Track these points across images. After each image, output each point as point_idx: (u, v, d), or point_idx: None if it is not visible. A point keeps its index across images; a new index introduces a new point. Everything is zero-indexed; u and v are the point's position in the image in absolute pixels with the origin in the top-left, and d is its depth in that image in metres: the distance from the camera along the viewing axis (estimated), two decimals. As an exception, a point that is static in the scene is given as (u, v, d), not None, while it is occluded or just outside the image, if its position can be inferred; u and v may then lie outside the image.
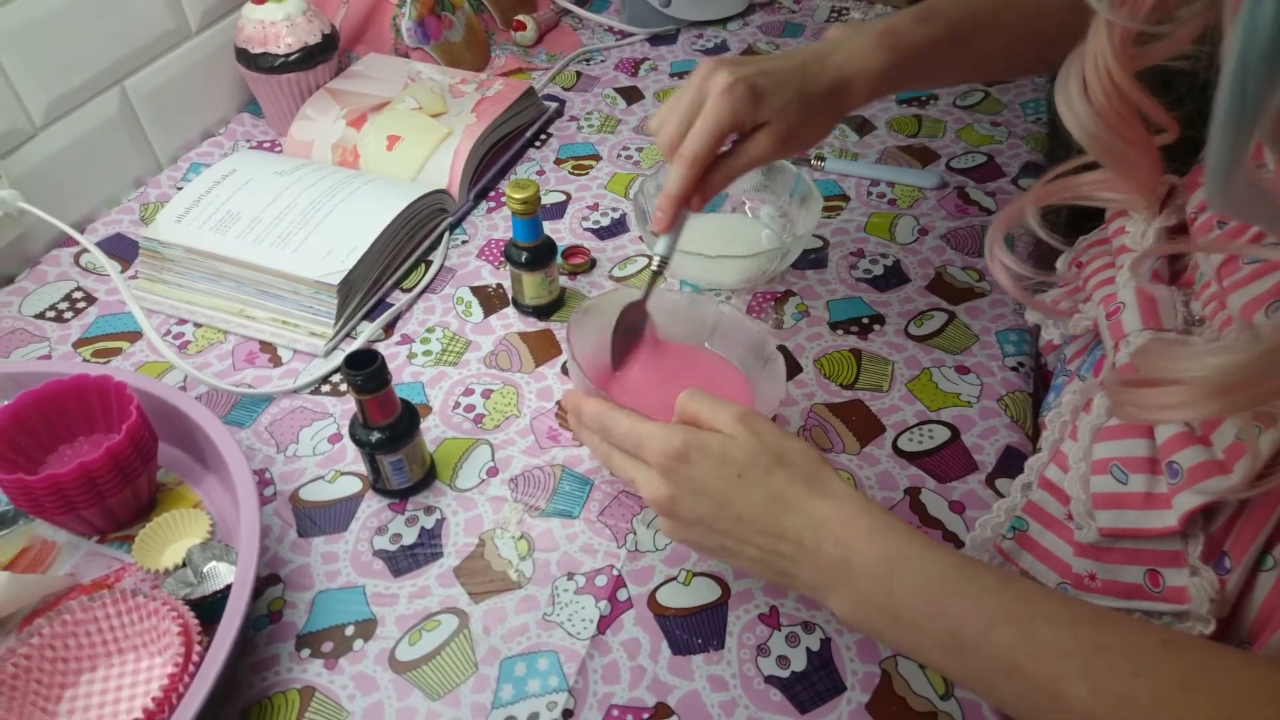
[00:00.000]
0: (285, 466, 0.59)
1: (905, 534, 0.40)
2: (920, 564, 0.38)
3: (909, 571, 0.38)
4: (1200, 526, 0.41)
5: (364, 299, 0.69)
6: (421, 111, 0.82)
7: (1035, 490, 0.49)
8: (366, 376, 0.50)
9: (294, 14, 0.81)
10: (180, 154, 0.86)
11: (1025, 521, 0.48)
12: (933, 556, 0.39)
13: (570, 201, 0.80)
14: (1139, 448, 0.43)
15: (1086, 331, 0.53)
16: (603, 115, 0.91)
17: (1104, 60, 0.40)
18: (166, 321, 0.69)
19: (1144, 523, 0.42)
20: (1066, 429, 0.49)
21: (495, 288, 0.72)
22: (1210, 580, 0.39)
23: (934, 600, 0.38)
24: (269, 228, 0.69)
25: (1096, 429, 0.46)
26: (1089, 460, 0.45)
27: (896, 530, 0.40)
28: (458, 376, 0.65)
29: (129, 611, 0.48)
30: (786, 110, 0.51)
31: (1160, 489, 0.42)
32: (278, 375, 0.65)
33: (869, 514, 0.40)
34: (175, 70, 0.84)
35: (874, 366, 0.64)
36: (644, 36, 1.02)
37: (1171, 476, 0.41)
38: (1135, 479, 0.43)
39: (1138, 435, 0.44)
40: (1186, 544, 0.41)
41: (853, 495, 0.41)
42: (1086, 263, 0.54)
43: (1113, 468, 0.44)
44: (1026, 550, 0.48)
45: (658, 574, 0.52)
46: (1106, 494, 0.44)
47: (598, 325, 0.57)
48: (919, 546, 0.39)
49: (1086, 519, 0.44)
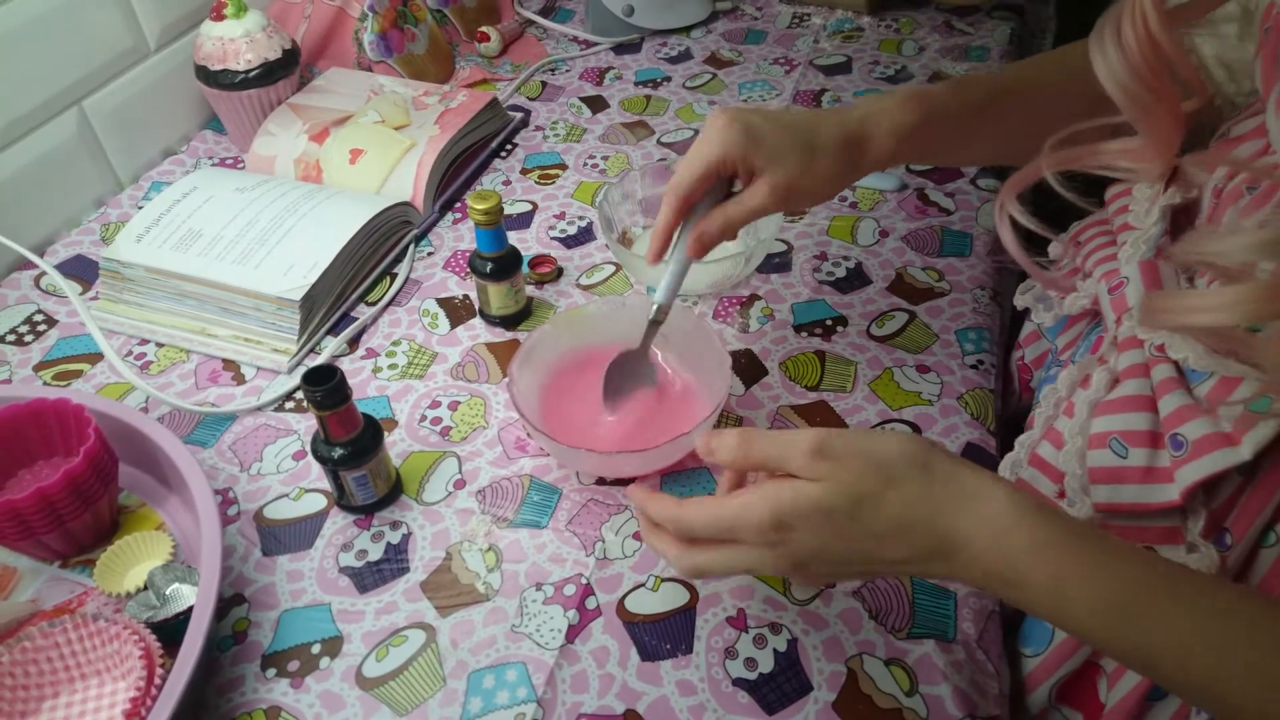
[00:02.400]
0: (249, 485, 0.58)
1: (1071, 546, 0.35)
2: (1094, 587, 0.34)
3: (1083, 594, 0.35)
4: (1201, 501, 0.40)
5: (328, 314, 0.69)
6: (384, 124, 0.82)
7: (1025, 468, 0.48)
8: (326, 392, 0.49)
9: (253, 30, 0.81)
10: (141, 173, 0.85)
11: None
12: (1106, 575, 0.34)
13: (537, 211, 0.81)
14: (1140, 421, 0.42)
15: (1083, 312, 0.52)
16: (568, 124, 0.91)
17: (1143, 9, 0.39)
18: (128, 343, 0.68)
19: (1143, 498, 0.41)
20: (1061, 406, 0.48)
21: (461, 299, 0.72)
22: (1211, 557, 0.39)
23: (1113, 626, 0.35)
24: (230, 245, 0.68)
25: (1095, 403, 0.45)
26: (1086, 435, 0.45)
27: (1057, 544, 0.35)
28: (424, 389, 0.65)
29: (90, 636, 0.47)
30: (785, 158, 0.49)
31: (1162, 463, 0.41)
32: (241, 393, 0.64)
33: (1021, 524, 0.35)
34: (134, 89, 0.83)
35: (837, 368, 0.65)
36: (608, 46, 1.03)
37: (1175, 449, 0.40)
38: (1135, 453, 0.42)
39: (1140, 409, 0.43)
40: (1186, 520, 0.41)
41: (994, 497, 0.36)
42: (1085, 242, 0.53)
43: (1112, 441, 0.43)
44: None
45: (626, 581, 0.52)
46: (1104, 468, 0.43)
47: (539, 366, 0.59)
48: (1090, 563, 0.35)
49: (1081, 495, 0.44)
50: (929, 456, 0.36)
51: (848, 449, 0.36)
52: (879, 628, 0.50)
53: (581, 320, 0.63)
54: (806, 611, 0.50)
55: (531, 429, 0.53)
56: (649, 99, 0.95)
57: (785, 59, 1.00)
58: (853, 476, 0.36)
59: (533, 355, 0.60)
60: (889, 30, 1.02)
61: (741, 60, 1.00)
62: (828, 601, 0.51)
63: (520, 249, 0.76)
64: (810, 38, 1.02)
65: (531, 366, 0.60)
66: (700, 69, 0.99)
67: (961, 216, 0.77)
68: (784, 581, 0.52)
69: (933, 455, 0.37)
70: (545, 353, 0.61)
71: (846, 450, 0.36)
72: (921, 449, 0.37)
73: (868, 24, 1.03)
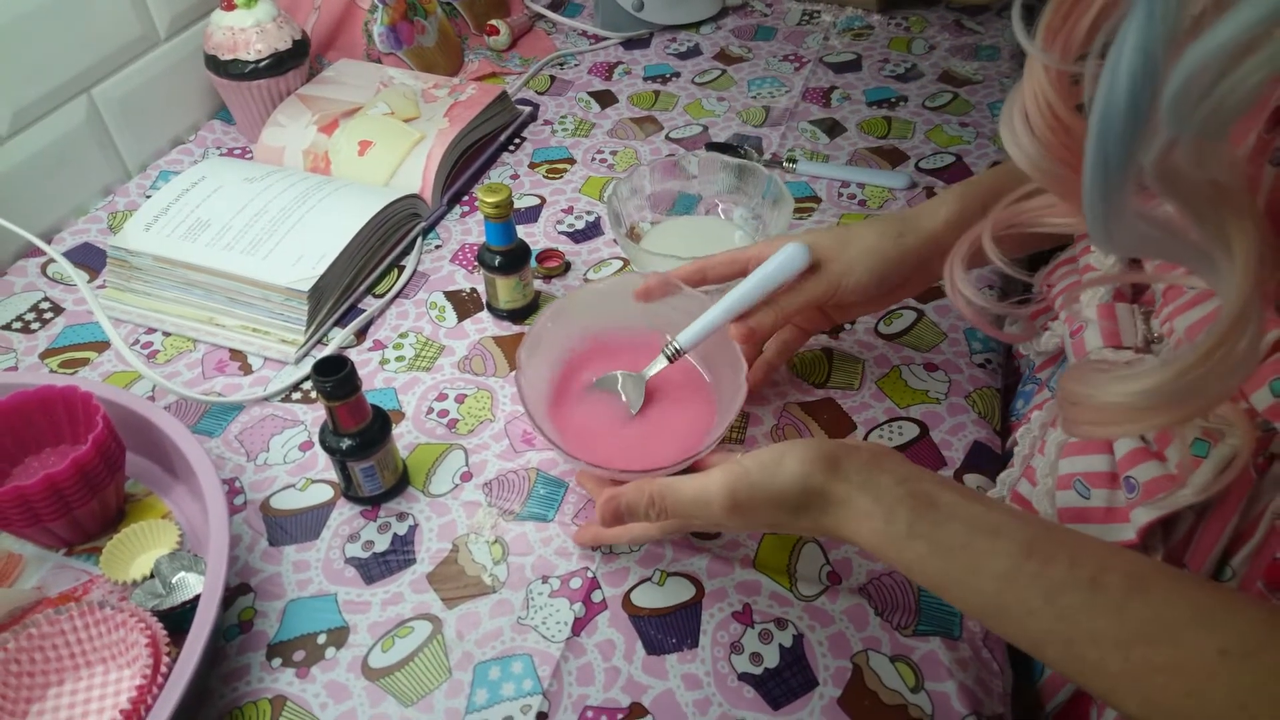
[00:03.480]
0: (255, 475, 0.58)
1: (939, 560, 0.38)
2: (963, 594, 0.38)
3: (956, 599, 0.38)
4: (1160, 539, 0.42)
5: (335, 305, 0.69)
6: (394, 117, 0.82)
7: (1009, 505, 0.49)
8: (336, 383, 0.49)
9: (264, 20, 0.81)
10: (149, 162, 0.85)
11: None
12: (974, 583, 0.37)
13: (545, 205, 0.80)
14: (1100, 463, 0.45)
15: (1057, 349, 0.54)
16: (577, 119, 0.91)
17: (1043, 96, 0.40)
18: (135, 331, 0.68)
19: (1106, 536, 0.43)
20: (1036, 444, 0.50)
21: (469, 292, 0.72)
22: None
23: (988, 621, 0.38)
24: (239, 235, 0.68)
25: (1062, 445, 0.47)
26: (1055, 475, 0.47)
27: (923, 563, 0.39)
28: (431, 382, 0.64)
29: (96, 624, 0.47)
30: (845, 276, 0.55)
31: (1119, 503, 0.43)
32: (248, 383, 0.64)
33: (891, 544, 0.39)
34: (143, 78, 0.83)
35: (845, 365, 0.65)
36: (617, 41, 1.03)
37: (1129, 491, 0.42)
38: (1097, 494, 0.44)
39: (1098, 451, 0.45)
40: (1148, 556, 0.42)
41: (871, 517, 0.40)
42: (1055, 282, 0.55)
43: (1076, 483, 0.45)
44: None
45: (632, 575, 0.52)
46: (1071, 509, 0.45)
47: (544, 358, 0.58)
48: (956, 574, 0.38)
49: None
50: (826, 484, 0.41)
51: (754, 500, 0.42)
52: (885, 624, 0.50)
53: (588, 303, 0.61)
54: (812, 607, 0.50)
55: (539, 432, 0.52)
56: (658, 94, 0.94)
57: (795, 56, 0.99)
58: (765, 519, 0.43)
59: (540, 345, 0.58)
60: (899, 28, 1.02)
61: (751, 57, 1.00)
62: (834, 598, 0.51)
63: (528, 243, 0.76)
64: (820, 35, 1.02)
65: (540, 357, 0.58)
66: (709, 65, 0.99)
67: (970, 216, 0.77)
68: (790, 577, 0.52)
69: (830, 482, 0.41)
70: (553, 342, 0.59)
71: (754, 503, 0.42)
72: (819, 479, 0.41)
73: (877, 22, 1.03)
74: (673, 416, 0.58)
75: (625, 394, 0.58)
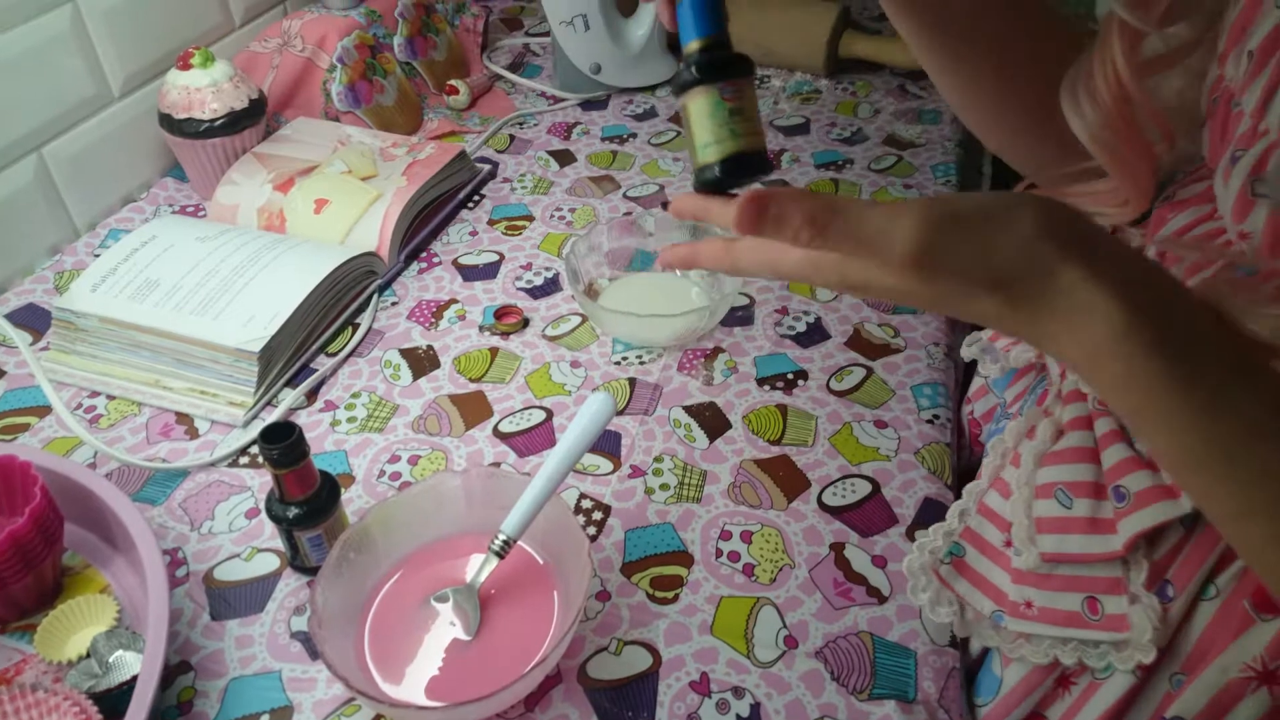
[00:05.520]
0: (199, 545, 0.57)
1: (1155, 391, 0.31)
2: (1167, 437, 0.32)
3: (1155, 440, 0.33)
4: (1144, 553, 0.41)
5: (286, 365, 0.68)
6: (351, 175, 0.82)
7: (973, 516, 0.49)
8: (283, 450, 0.49)
9: (220, 80, 0.81)
10: (99, 220, 0.84)
11: (962, 547, 0.48)
12: (1182, 427, 0.32)
13: (504, 261, 0.81)
14: (1085, 472, 0.43)
15: (1029, 365, 0.53)
16: (536, 177, 0.92)
17: (1113, 62, 0.41)
18: (78, 395, 0.67)
19: (1088, 548, 0.42)
20: (1008, 456, 0.49)
21: (425, 349, 0.72)
22: (1153, 607, 0.40)
23: (1179, 471, 0.34)
24: (189, 295, 0.67)
25: (1041, 454, 0.46)
26: (1032, 485, 0.45)
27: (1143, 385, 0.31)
28: (383, 443, 0.64)
29: (28, 708, 0.45)
30: None
31: (1105, 514, 0.42)
32: (194, 448, 0.63)
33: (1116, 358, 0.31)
34: (96, 136, 0.82)
35: (799, 422, 0.65)
36: (576, 102, 1.04)
37: (1118, 500, 0.41)
38: (1080, 504, 0.43)
39: (1084, 460, 0.44)
40: (1129, 570, 0.41)
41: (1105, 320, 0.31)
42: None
43: (1057, 492, 0.44)
44: (963, 576, 0.48)
45: (588, 645, 0.51)
46: (1050, 518, 0.44)
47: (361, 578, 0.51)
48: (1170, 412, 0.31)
49: (1028, 544, 0.44)
50: (1053, 265, 0.31)
51: (960, 241, 0.32)
52: (840, 689, 0.49)
53: (401, 518, 0.53)
54: (769, 674, 0.50)
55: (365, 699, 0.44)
56: (615, 154, 0.96)
57: (748, 116, 1.02)
58: (963, 277, 0.32)
59: (344, 570, 0.49)
60: (845, 93, 1.05)
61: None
62: (790, 664, 0.50)
63: (486, 299, 0.77)
64: (770, 99, 1.05)
65: (344, 585, 0.49)
66: (665, 126, 1.01)
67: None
68: (747, 642, 0.51)
69: (1062, 264, 0.31)
70: (366, 566, 0.51)
71: (958, 244, 0.32)
72: (1045, 251, 0.31)
73: (825, 86, 1.06)
74: (517, 617, 0.51)
75: (457, 616, 0.50)
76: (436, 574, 0.52)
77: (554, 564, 0.53)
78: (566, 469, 0.51)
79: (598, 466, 0.62)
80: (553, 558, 0.53)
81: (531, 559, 0.53)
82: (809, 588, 0.54)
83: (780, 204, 0.32)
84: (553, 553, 0.53)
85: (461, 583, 0.51)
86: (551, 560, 0.53)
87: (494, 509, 0.52)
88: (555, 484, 0.51)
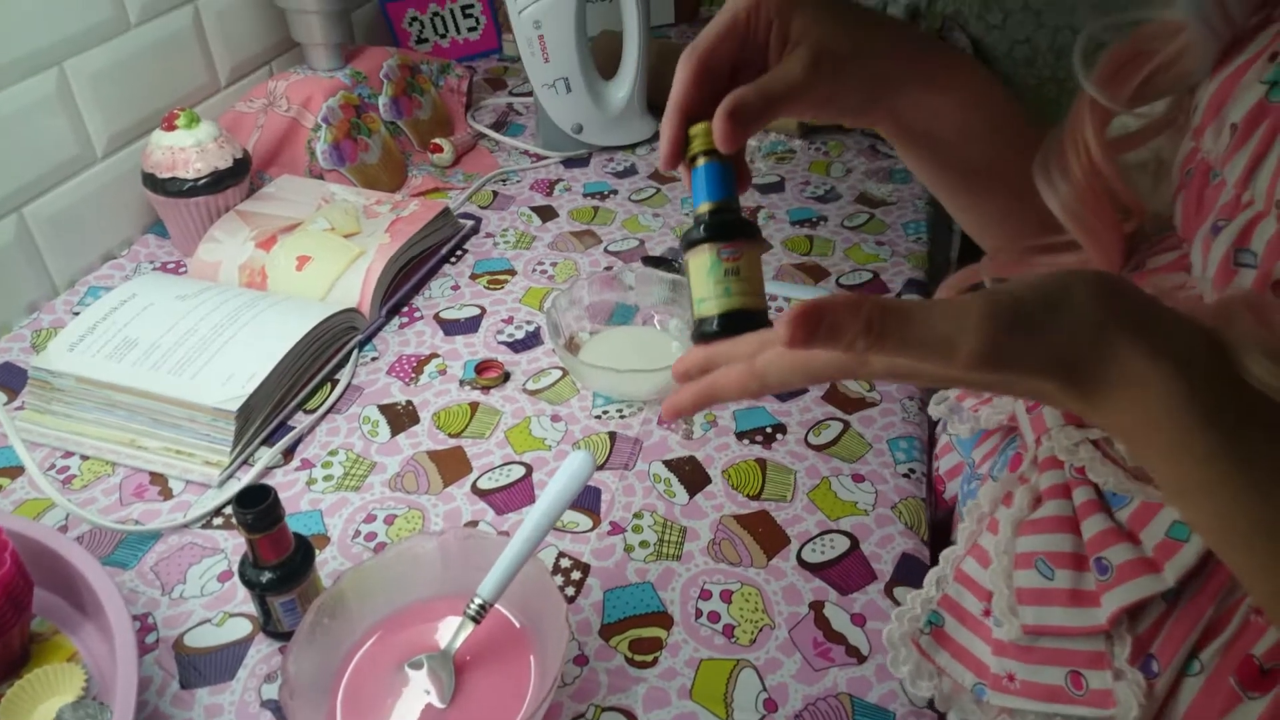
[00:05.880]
0: (170, 610, 0.56)
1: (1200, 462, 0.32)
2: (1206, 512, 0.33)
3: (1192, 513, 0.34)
4: (1126, 627, 0.40)
5: (264, 423, 0.68)
6: (334, 232, 0.83)
7: (950, 584, 0.48)
8: (258, 515, 0.48)
9: (204, 140, 0.82)
10: (79, 277, 0.84)
11: (941, 616, 0.48)
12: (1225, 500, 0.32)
13: (485, 315, 0.81)
14: (1064, 542, 0.42)
15: (999, 426, 0.52)
16: (518, 232, 0.94)
17: (1085, 139, 0.42)
18: (52, 455, 0.66)
19: (1071, 620, 0.41)
20: (984, 522, 0.48)
21: (404, 405, 0.72)
22: (1138, 683, 0.39)
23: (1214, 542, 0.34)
24: (167, 354, 0.67)
25: (1019, 522, 0.45)
26: (1011, 554, 0.44)
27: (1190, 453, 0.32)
28: (359, 502, 0.63)
29: (-16, 785, 0.44)
30: (830, 18, 0.40)
31: (1088, 585, 0.41)
32: (167, 509, 0.62)
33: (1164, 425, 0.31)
34: (77, 195, 0.83)
35: (778, 476, 0.65)
36: (558, 159, 1.06)
37: (1100, 573, 0.40)
38: (1061, 574, 0.42)
39: (1063, 530, 0.43)
40: (1112, 645, 0.40)
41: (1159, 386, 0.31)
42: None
43: (1038, 562, 0.43)
44: (943, 647, 0.47)
45: (565, 712, 0.51)
46: (1031, 589, 0.43)
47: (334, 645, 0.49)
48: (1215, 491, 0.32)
49: (1009, 615, 0.43)
50: (1113, 341, 0.31)
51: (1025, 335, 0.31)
52: (822, 753, 0.49)
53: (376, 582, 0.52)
54: (749, 738, 0.49)
55: None
56: (596, 210, 0.98)
57: (727, 172, 1.04)
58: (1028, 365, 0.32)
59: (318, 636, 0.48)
60: (819, 153, 1.08)
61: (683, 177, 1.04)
62: (770, 726, 0.50)
63: (467, 353, 0.77)
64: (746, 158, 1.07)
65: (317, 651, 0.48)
66: (645, 183, 1.03)
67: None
68: (727, 707, 0.51)
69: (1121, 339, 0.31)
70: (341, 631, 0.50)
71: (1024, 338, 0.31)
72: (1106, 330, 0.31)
73: (799, 146, 1.09)
74: (493, 684, 0.50)
75: (432, 683, 0.49)
76: (411, 639, 0.52)
77: (531, 627, 0.52)
78: (544, 530, 0.51)
79: (577, 524, 0.62)
80: (530, 621, 0.52)
81: (508, 622, 0.53)
82: (789, 648, 0.54)
83: (834, 314, 0.30)
84: (530, 616, 0.52)
85: (437, 648, 0.50)
86: (529, 623, 0.52)
87: (471, 570, 0.51)
88: (533, 545, 0.50)
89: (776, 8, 0.40)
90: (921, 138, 0.48)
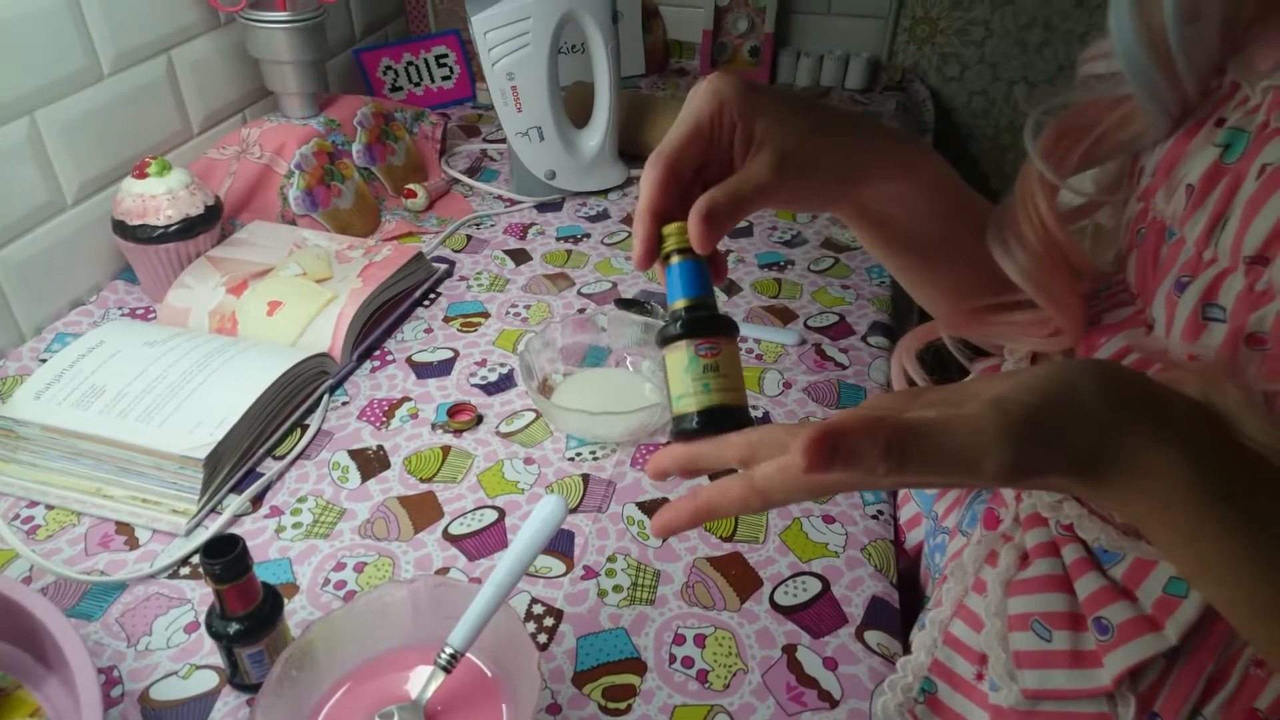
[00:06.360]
0: (136, 662, 0.54)
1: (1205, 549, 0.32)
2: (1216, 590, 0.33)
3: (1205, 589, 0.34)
4: (1128, 686, 0.39)
5: (232, 470, 0.67)
6: (306, 277, 0.83)
7: (940, 648, 0.47)
8: (225, 565, 0.48)
9: (176, 187, 0.82)
10: (46, 324, 0.83)
11: (933, 683, 0.47)
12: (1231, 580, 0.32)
13: (458, 358, 0.82)
14: (1058, 602, 0.42)
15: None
16: (492, 275, 0.95)
17: (1038, 210, 0.43)
18: (16, 505, 0.65)
19: (1074, 683, 0.40)
20: (969, 582, 0.47)
21: (375, 450, 0.71)
22: None
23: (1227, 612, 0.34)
24: (134, 401, 0.67)
25: (1007, 582, 0.44)
26: (1003, 616, 0.44)
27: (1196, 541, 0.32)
28: (329, 550, 0.63)
29: None
30: (791, 119, 0.41)
31: (1087, 646, 0.40)
32: (133, 559, 0.61)
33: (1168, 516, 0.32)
34: (46, 243, 0.82)
35: (750, 517, 0.66)
36: (531, 204, 1.08)
37: (1101, 633, 0.40)
38: (1059, 636, 0.41)
39: (1056, 589, 0.42)
40: (1116, 706, 0.40)
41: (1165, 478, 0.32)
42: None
43: (1034, 624, 0.42)
44: (938, 715, 0.46)
45: (537, 756, 0.50)
46: (1030, 652, 0.42)
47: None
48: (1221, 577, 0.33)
49: (1007, 680, 0.42)
50: (1124, 432, 0.32)
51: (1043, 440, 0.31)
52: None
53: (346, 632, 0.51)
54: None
55: None
56: (570, 253, 0.99)
57: (697, 216, 1.06)
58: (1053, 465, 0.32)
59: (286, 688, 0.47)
60: (787, 197, 1.11)
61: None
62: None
63: (439, 396, 0.77)
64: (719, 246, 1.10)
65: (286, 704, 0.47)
66: (617, 227, 1.05)
67: (855, 371, 0.82)
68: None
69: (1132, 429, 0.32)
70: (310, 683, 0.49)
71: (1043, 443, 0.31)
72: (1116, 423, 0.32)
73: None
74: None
75: None
76: (381, 690, 0.51)
77: (503, 676, 0.52)
78: (516, 576, 0.51)
79: (550, 569, 0.62)
80: (501, 670, 0.52)
81: (480, 671, 0.52)
82: (762, 693, 0.54)
83: (852, 440, 0.29)
84: (501, 665, 0.52)
85: (408, 699, 0.50)
86: (500, 673, 0.52)
87: (442, 619, 0.51)
88: (504, 593, 0.50)
89: (739, 111, 0.41)
90: (881, 222, 0.49)
